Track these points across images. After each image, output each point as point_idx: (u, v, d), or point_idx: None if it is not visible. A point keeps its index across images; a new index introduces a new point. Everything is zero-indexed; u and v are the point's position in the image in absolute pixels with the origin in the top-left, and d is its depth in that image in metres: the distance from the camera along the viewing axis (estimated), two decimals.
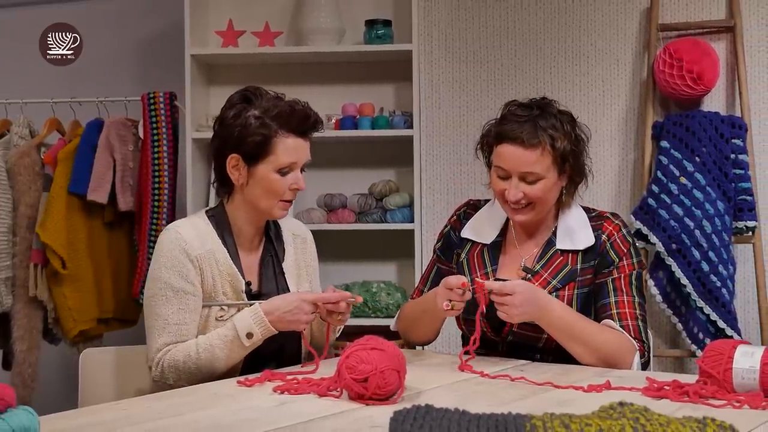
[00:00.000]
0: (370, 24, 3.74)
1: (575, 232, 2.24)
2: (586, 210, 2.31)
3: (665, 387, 1.74)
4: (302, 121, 2.16)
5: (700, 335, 3.26)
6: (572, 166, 2.21)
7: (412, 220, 3.70)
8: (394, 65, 3.80)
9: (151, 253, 3.73)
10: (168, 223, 3.76)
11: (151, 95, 3.81)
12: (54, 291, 3.73)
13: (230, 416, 1.63)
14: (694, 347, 3.28)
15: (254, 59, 3.85)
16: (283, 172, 2.16)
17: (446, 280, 2.09)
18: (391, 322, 3.56)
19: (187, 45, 3.69)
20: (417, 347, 2.55)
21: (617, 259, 2.20)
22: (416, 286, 2.52)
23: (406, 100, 3.80)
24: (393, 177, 3.89)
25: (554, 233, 2.27)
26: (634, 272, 2.21)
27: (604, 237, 2.22)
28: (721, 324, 3.21)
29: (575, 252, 2.23)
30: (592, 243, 2.21)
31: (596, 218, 2.27)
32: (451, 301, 2.06)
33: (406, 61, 3.68)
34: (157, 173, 3.79)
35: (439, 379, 1.95)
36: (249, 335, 2.09)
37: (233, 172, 2.18)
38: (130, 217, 3.92)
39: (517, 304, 2.03)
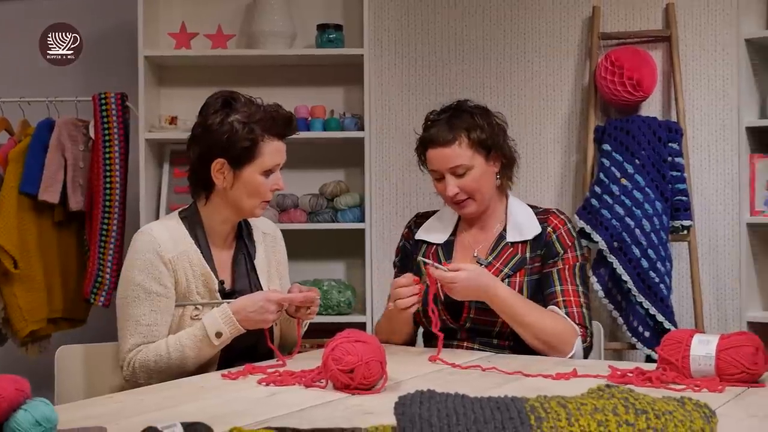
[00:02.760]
0: (322, 28, 3.82)
1: (523, 225, 2.42)
2: (533, 207, 2.49)
3: (628, 374, 1.87)
4: (285, 126, 2.27)
5: (640, 328, 3.43)
6: (497, 151, 2.39)
7: (362, 220, 3.79)
8: (345, 68, 3.89)
9: (102, 253, 3.79)
10: (119, 222, 3.81)
11: (103, 96, 3.83)
12: (4, 291, 3.73)
13: (223, 407, 1.71)
14: (634, 340, 3.44)
15: (207, 61, 3.91)
16: (267, 174, 2.25)
17: (395, 282, 2.27)
18: (342, 319, 3.69)
19: (141, 46, 3.71)
20: None
21: (562, 251, 2.38)
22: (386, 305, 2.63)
23: (356, 102, 3.90)
24: (343, 178, 3.98)
25: (504, 229, 2.43)
26: (578, 264, 2.39)
27: (549, 229, 2.40)
28: (660, 317, 3.38)
29: (524, 242, 2.40)
30: (539, 232, 2.39)
31: (542, 213, 2.45)
32: (406, 298, 2.23)
33: (357, 65, 3.77)
34: (108, 173, 3.80)
35: (413, 370, 2.04)
36: (218, 334, 2.16)
37: (218, 176, 2.24)
38: (79, 217, 3.93)
39: (463, 278, 2.21)
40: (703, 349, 1.81)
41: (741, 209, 3.50)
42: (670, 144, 3.49)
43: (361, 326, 3.51)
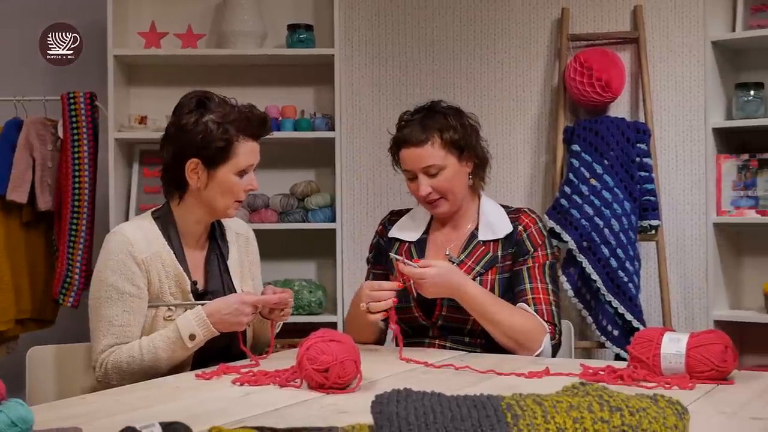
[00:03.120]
0: (292, 28, 3.83)
1: (495, 224, 2.45)
2: (505, 207, 2.52)
3: (600, 372, 1.90)
4: (260, 126, 2.27)
5: (609, 327, 3.46)
6: (470, 151, 2.41)
7: (333, 220, 3.80)
8: (315, 68, 3.90)
9: (71, 253, 3.76)
10: (88, 223, 3.79)
11: (71, 95, 3.80)
12: None
13: (198, 407, 1.71)
14: (603, 338, 3.48)
15: (177, 61, 3.90)
16: (241, 174, 2.25)
17: (380, 284, 2.27)
18: (313, 319, 3.69)
19: (110, 46, 3.70)
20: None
21: (532, 249, 2.40)
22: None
23: (327, 102, 3.91)
24: (314, 178, 3.99)
25: (476, 228, 2.46)
26: (548, 262, 2.42)
27: (520, 228, 2.42)
28: (628, 316, 3.42)
29: (496, 241, 2.43)
30: (511, 230, 2.42)
31: (514, 212, 2.48)
32: (374, 302, 2.23)
33: (328, 65, 3.78)
34: (77, 173, 3.78)
35: (387, 369, 2.05)
36: (192, 337, 2.16)
37: (192, 176, 2.23)
38: (48, 217, 3.90)
39: (432, 274, 2.22)
40: (674, 347, 1.84)
41: (708, 209, 3.55)
42: (638, 144, 3.53)
43: (332, 326, 3.52)
